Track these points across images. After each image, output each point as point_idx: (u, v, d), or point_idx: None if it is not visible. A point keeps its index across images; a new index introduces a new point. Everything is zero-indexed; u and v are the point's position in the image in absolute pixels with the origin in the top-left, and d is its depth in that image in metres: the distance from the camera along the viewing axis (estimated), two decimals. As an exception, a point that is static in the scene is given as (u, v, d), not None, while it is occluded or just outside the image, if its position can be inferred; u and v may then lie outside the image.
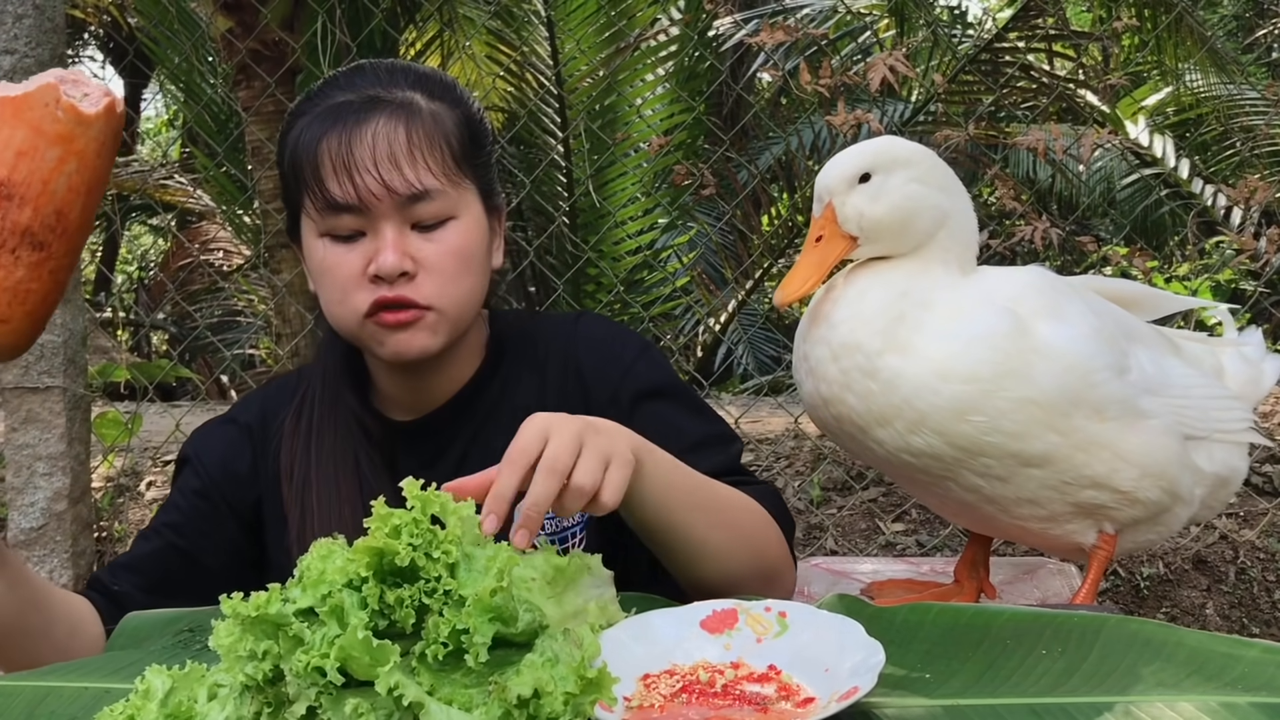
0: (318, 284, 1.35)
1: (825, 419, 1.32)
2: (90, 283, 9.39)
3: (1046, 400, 1.25)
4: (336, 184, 1.27)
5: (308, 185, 1.29)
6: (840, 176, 1.29)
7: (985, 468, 1.27)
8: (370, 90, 1.31)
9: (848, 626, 0.92)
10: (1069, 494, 1.30)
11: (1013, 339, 1.26)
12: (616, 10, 5.01)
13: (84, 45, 11.29)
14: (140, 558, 1.42)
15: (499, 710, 0.79)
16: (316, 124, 1.29)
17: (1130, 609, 2.75)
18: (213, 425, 1.51)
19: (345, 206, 1.27)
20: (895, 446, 1.28)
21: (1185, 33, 5.23)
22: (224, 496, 1.43)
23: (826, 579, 1.68)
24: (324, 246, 1.31)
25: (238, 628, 0.84)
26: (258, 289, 6.44)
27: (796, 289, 1.28)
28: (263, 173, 3.65)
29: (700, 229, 5.87)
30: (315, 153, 1.28)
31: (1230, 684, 0.85)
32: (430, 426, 1.42)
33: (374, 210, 1.27)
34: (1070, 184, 6.32)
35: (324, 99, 1.32)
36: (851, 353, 1.27)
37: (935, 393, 1.24)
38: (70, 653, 1.30)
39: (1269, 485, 3.15)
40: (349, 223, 1.28)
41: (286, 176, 1.34)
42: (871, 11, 6.42)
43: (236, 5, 3.53)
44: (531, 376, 1.43)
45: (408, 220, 1.28)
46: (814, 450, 3.39)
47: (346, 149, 1.26)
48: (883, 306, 1.28)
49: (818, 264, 1.29)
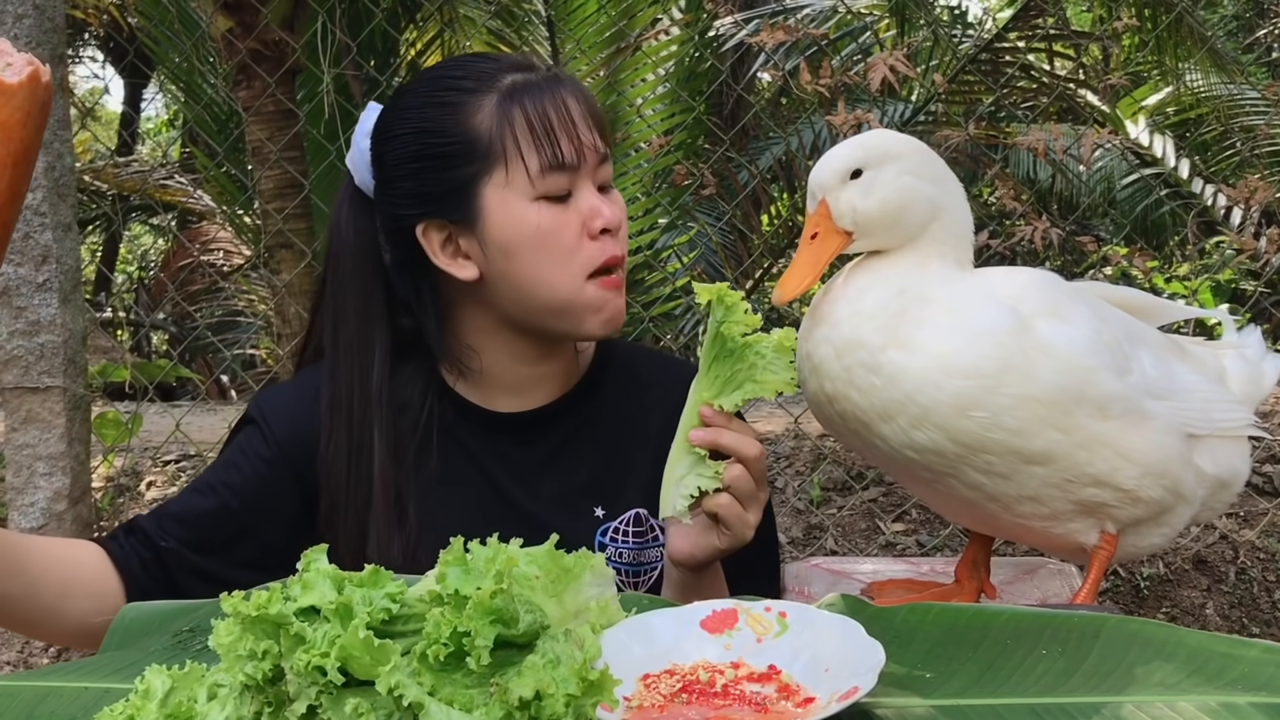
0: (523, 251, 1.32)
1: (830, 416, 1.33)
2: (90, 283, 9.39)
3: (1048, 397, 1.25)
4: (567, 142, 1.30)
5: (527, 147, 1.30)
6: (832, 173, 1.30)
7: (987, 465, 1.28)
8: (542, 68, 1.36)
9: (848, 626, 0.92)
10: (1071, 492, 1.30)
11: (1015, 335, 1.26)
12: (616, 10, 5.01)
13: (84, 45, 11.30)
14: (193, 513, 1.38)
15: (500, 712, 0.79)
16: (522, 94, 1.32)
17: (1130, 609, 2.75)
18: (284, 385, 1.50)
19: (567, 165, 1.30)
20: (898, 442, 1.28)
21: (1185, 33, 5.23)
22: (290, 464, 1.39)
23: (826, 579, 1.68)
24: (539, 210, 1.31)
25: (238, 627, 0.84)
26: (258, 289, 6.44)
27: (794, 287, 1.28)
28: (263, 173, 3.65)
29: (700, 229, 5.87)
30: (542, 114, 1.30)
31: (1230, 684, 0.85)
32: (525, 422, 1.42)
33: (581, 170, 1.31)
34: (1070, 184, 6.33)
35: (491, 78, 1.34)
36: (854, 349, 1.27)
37: (938, 388, 1.25)
38: (64, 614, 1.29)
39: (1269, 485, 3.15)
40: (564, 183, 1.31)
41: (455, 151, 1.32)
42: (872, 11, 6.42)
43: (236, 5, 3.53)
44: (633, 396, 1.46)
45: (596, 183, 1.34)
46: (814, 450, 3.39)
47: (565, 110, 1.31)
48: (884, 303, 1.28)
49: (813, 261, 1.29)
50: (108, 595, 1.32)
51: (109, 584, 1.33)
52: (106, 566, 1.34)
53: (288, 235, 3.61)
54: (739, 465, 1.22)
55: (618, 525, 1.42)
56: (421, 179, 1.35)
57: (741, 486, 1.22)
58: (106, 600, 1.31)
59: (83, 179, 7.02)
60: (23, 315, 2.74)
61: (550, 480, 1.42)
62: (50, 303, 2.75)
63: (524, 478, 1.42)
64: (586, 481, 1.42)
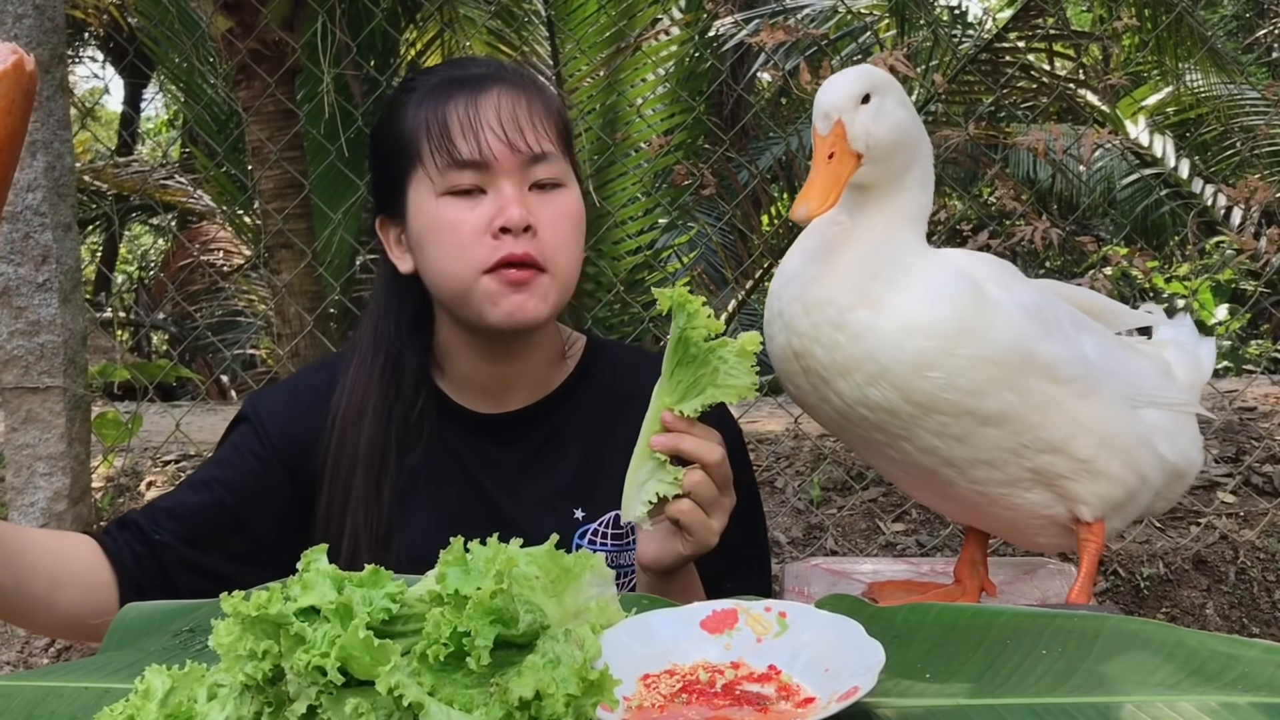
0: (428, 244, 1.36)
1: (793, 372, 1.34)
2: (90, 283, 9.39)
3: (1000, 358, 1.28)
4: (463, 140, 1.32)
5: (431, 145, 1.33)
6: (847, 95, 1.31)
7: (941, 426, 1.29)
8: (482, 70, 1.38)
9: (848, 626, 0.92)
10: (1026, 458, 1.32)
11: (972, 299, 1.30)
12: (616, 10, 5.01)
13: (84, 45, 11.29)
14: (186, 508, 1.41)
15: (500, 712, 0.79)
16: (438, 92, 1.36)
17: (1130, 609, 2.75)
18: (279, 385, 1.53)
19: (469, 162, 1.32)
20: (853, 399, 1.30)
21: (1185, 33, 5.23)
22: (283, 462, 1.42)
23: (826, 579, 1.68)
24: (441, 204, 1.33)
25: (238, 627, 0.84)
26: (258, 289, 6.44)
27: (818, 205, 1.27)
28: (263, 173, 3.65)
29: (700, 229, 5.88)
30: (441, 114, 1.33)
31: (1230, 684, 0.85)
32: (505, 424, 1.44)
33: (495, 168, 1.32)
34: (1070, 184, 6.33)
35: (433, 78, 1.39)
36: (824, 307, 1.29)
37: (898, 348, 1.27)
38: (55, 605, 1.30)
39: (1269, 485, 3.15)
40: (470, 179, 1.32)
41: (392, 149, 1.38)
42: (872, 11, 6.42)
43: (236, 5, 3.53)
44: (617, 397, 1.46)
45: (526, 182, 1.34)
46: (814, 450, 3.39)
47: (474, 109, 1.33)
48: (856, 263, 1.31)
49: (834, 179, 1.29)
50: (99, 588, 1.34)
51: (101, 576, 1.34)
52: (99, 559, 1.35)
53: (288, 235, 3.61)
54: (700, 471, 1.22)
55: (596, 528, 1.43)
56: (375, 177, 1.43)
57: (702, 492, 1.23)
58: (98, 593, 1.33)
59: (83, 179, 7.02)
60: (23, 315, 2.74)
61: (530, 481, 1.44)
62: (50, 303, 2.75)
63: (505, 479, 1.44)
64: (567, 483, 1.44)
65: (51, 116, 2.73)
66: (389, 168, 1.39)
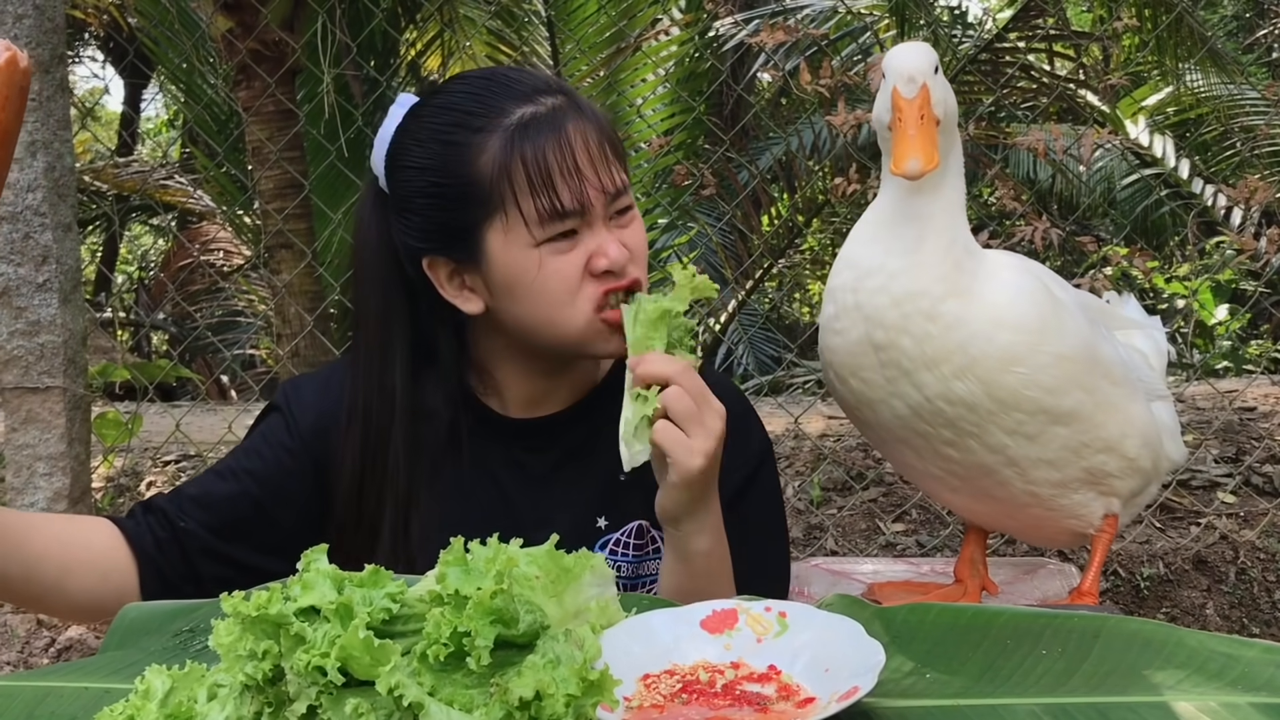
0: (525, 293, 1.31)
1: (867, 365, 1.32)
2: (90, 283, 9.39)
3: (1075, 355, 1.29)
4: (565, 190, 1.28)
5: (533, 196, 1.28)
6: (929, 61, 1.31)
7: (1016, 423, 1.29)
8: (549, 98, 1.32)
9: (848, 626, 0.92)
10: (1085, 457, 1.33)
11: (1046, 296, 1.31)
12: (616, 10, 5.02)
13: (84, 45, 11.30)
14: (213, 496, 1.39)
15: (500, 712, 0.79)
16: (524, 137, 1.29)
17: (1130, 609, 2.75)
18: (312, 376, 1.51)
19: (571, 212, 1.28)
20: (934, 392, 1.29)
21: (1185, 33, 5.23)
22: (311, 455, 1.40)
23: (826, 579, 1.68)
24: (543, 255, 1.29)
25: (238, 627, 0.84)
26: (258, 289, 6.44)
27: (926, 161, 1.25)
28: (263, 173, 3.66)
29: (700, 229, 5.88)
30: (538, 162, 1.28)
31: (1230, 684, 0.85)
32: (538, 428, 1.43)
33: (590, 211, 1.30)
34: (1070, 184, 6.33)
35: (499, 114, 1.31)
36: (916, 299, 1.28)
37: (989, 340, 1.27)
38: (68, 592, 1.29)
39: (1269, 485, 3.15)
40: (571, 224, 1.29)
41: (463, 195, 1.31)
42: (872, 11, 6.42)
43: (236, 5, 3.53)
44: None
45: (610, 213, 1.32)
46: (814, 450, 3.40)
47: (567, 154, 1.28)
48: (941, 252, 1.30)
49: (932, 139, 1.27)
50: (116, 572, 1.32)
51: (120, 561, 1.33)
52: (118, 544, 1.34)
53: (288, 235, 3.61)
54: (674, 387, 1.21)
55: (618, 538, 1.42)
56: (428, 216, 1.34)
57: (676, 406, 1.21)
58: (115, 577, 1.32)
59: (83, 179, 7.03)
60: (23, 315, 2.74)
61: (556, 488, 1.42)
62: (50, 303, 2.75)
63: (531, 484, 1.42)
64: (592, 491, 1.42)
65: (51, 116, 2.73)
66: (457, 213, 1.32)
